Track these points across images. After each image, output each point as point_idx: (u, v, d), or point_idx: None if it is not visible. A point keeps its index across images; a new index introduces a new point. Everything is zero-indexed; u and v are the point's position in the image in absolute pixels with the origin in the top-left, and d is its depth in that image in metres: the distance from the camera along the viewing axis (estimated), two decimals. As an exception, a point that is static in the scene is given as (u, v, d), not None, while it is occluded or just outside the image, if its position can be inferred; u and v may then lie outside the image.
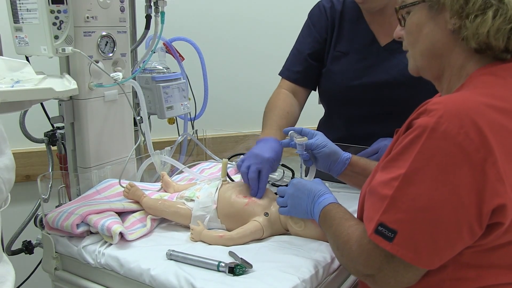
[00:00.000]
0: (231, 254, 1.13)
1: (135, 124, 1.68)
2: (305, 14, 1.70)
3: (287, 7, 2.41)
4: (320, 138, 1.31)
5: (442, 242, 0.84)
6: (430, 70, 1.00)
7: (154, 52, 1.67)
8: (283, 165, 1.63)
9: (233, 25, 2.41)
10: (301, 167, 1.36)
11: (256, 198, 1.29)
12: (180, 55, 1.91)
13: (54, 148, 1.59)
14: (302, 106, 1.67)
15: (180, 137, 1.81)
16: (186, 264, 1.10)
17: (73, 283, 1.25)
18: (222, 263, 1.07)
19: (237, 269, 1.05)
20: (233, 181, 1.45)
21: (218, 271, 1.07)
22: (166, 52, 1.87)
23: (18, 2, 1.31)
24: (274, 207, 1.26)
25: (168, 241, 1.23)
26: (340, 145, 1.34)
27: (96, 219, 1.20)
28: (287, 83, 1.67)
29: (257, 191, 1.30)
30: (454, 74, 0.95)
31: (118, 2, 1.49)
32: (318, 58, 1.65)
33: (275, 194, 1.33)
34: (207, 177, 1.53)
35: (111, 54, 1.49)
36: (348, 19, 1.62)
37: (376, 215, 0.87)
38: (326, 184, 1.18)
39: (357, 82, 1.58)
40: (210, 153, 1.81)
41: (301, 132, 1.33)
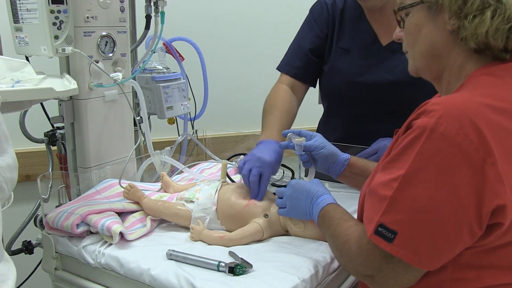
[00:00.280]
0: (231, 254, 1.13)
1: (135, 124, 1.68)
2: (305, 14, 1.70)
3: (287, 7, 2.41)
4: (318, 140, 1.31)
5: (442, 243, 0.84)
6: (429, 70, 1.00)
7: (154, 52, 1.67)
8: (283, 165, 1.63)
9: (233, 25, 2.41)
10: (299, 168, 1.36)
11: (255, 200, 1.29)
12: (180, 55, 1.91)
13: (54, 148, 1.59)
14: (300, 102, 1.66)
15: (180, 137, 1.80)
16: (186, 264, 1.10)
17: (73, 283, 1.25)
18: (222, 263, 1.07)
19: (237, 269, 1.05)
20: (233, 181, 1.45)
21: (218, 271, 1.07)
22: (166, 52, 1.87)
23: (18, 2, 1.31)
24: (273, 209, 1.26)
25: (168, 241, 1.24)
26: (339, 145, 1.34)
27: (96, 219, 1.20)
28: (287, 78, 1.66)
29: (257, 194, 1.30)
30: (454, 75, 0.95)
31: (118, 2, 1.49)
32: (318, 54, 1.65)
33: (275, 194, 1.33)
34: (207, 177, 1.53)
35: (111, 54, 1.49)
36: (349, 17, 1.62)
37: (376, 216, 0.87)
38: (326, 184, 1.18)
39: (359, 79, 1.57)
40: (210, 153, 1.81)
41: (299, 134, 1.33)
